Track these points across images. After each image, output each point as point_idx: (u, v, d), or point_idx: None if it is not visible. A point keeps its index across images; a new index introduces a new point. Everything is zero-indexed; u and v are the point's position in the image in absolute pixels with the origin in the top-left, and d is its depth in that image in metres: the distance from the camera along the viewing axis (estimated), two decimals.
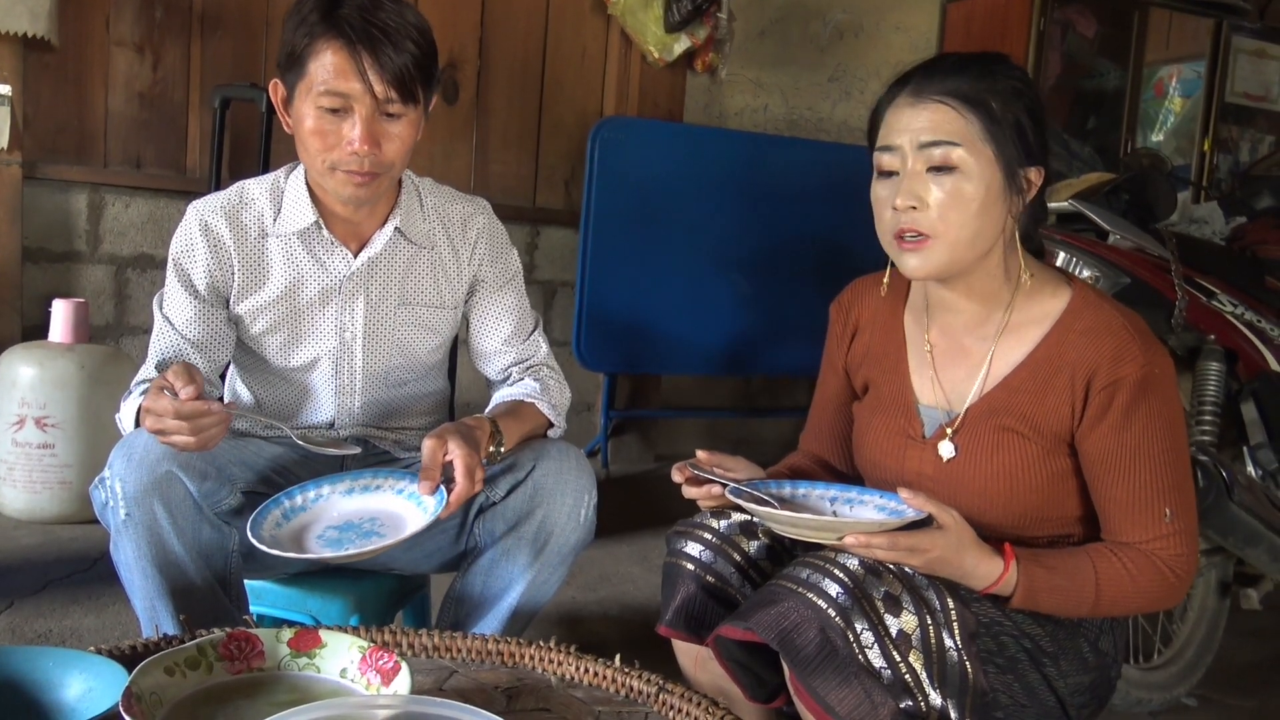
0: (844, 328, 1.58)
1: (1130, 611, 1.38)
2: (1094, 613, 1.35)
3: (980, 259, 1.36)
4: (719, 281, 3.89)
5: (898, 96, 1.35)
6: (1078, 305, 1.37)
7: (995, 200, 1.32)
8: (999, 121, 1.30)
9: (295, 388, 1.74)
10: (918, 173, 1.32)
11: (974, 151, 1.30)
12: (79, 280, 3.32)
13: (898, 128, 1.34)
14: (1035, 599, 1.30)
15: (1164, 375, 1.33)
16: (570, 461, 1.64)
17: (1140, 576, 1.32)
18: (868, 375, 1.54)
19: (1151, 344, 1.34)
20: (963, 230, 1.31)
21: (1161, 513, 1.32)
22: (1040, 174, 1.36)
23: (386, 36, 1.49)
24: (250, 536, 1.41)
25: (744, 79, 4.29)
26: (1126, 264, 2.21)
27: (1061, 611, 1.34)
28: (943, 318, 1.45)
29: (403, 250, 1.70)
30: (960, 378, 1.43)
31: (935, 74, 1.33)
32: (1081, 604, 1.32)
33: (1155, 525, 1.33)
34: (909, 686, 1.23)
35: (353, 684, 1.20)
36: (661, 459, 4.23)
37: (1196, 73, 5.39)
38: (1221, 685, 2.44)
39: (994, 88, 1.31)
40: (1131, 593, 1.32)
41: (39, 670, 1.15)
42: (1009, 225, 1.35)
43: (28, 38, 3.03)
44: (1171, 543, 1.33)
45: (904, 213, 1.32)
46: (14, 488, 2.85)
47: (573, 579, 1.75)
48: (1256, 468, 2.33)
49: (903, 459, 1.45)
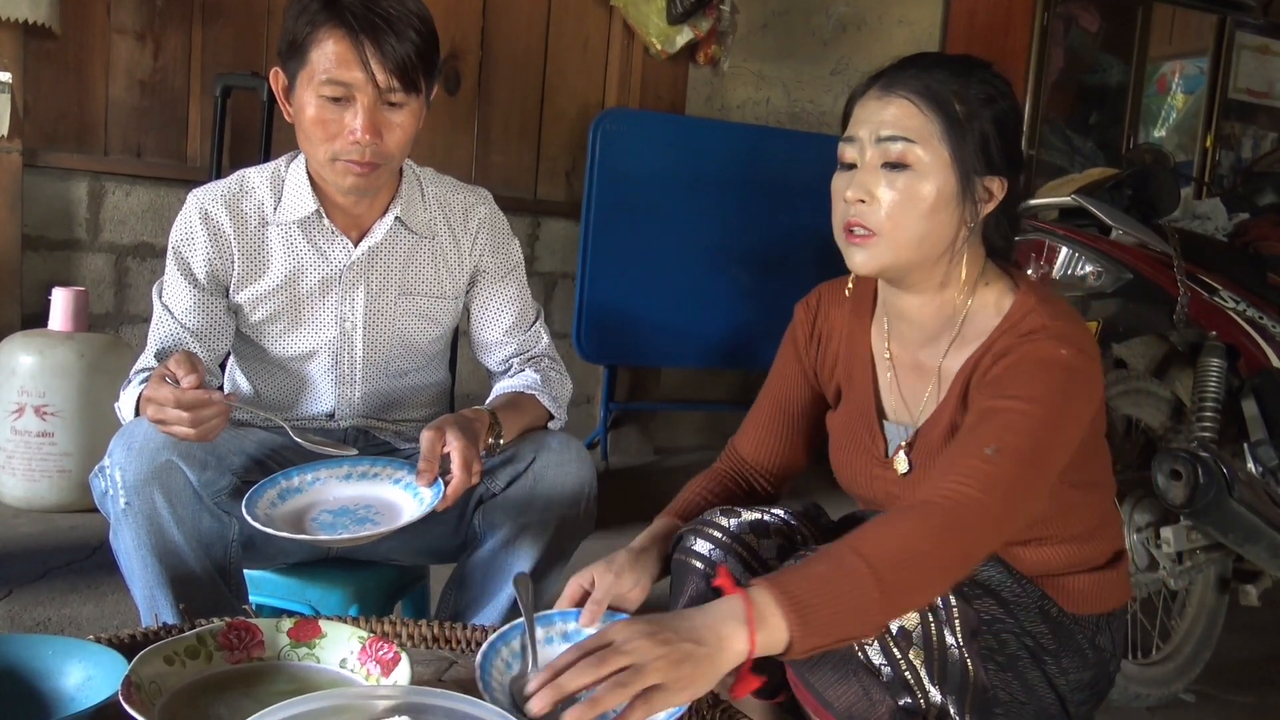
0: (810, 331, 1.53)
1: (929, 580, 1.16)
2: (889, 608, 1.13)
3: (929, 263, 1.32)
4: (720, 274, 3.89)
5: (870, 89, 1.33)
6: (1015, 310, 1.32)
7: (947, 205, 1.28)
8: (960, 125, 1.27)
9: (295, 377, 1.73)
10: (873, 167, 1.29)
11: (930, 151, 1.26)
12: (79, 269, 3.31)
13: (860, 119, 1.31)
14: (812, 620, 1.06)
15: (1070, 363, 1.23)
16: (570, 454, 1.64)
17: (909, 526, 1.14)
18: (839, 383, 1.51)
19: (1075, 339, 1.26)
20: (909, 231, 1.28)
21: (986, 445, 1.18)
22: (1003, 186, 1.30)
23: (389, 25, 1.48)
24: (244, 513, 1.41)
25: (746, 71, 4.28)
26: (1129, 260, 2.21)
27: (850, 627, 1.11)
28: (899, 327, 1.42)
29: (403, 240, 1.70)
30: (917, 391, 1.40)
31: (907, 70, 1.30)
32: (866, 599, 1.09)
33: (968, 458, 1.19)
34: (908, 684, 1.23)
35: (352, 674, 1.20)
36: (661, 452, 4.23)
37: (1199, 68, 5.38)
38: (1220, 681, 2.44)
39: (963, 91, 1.27)
40: (908, 548, 1.12)
41: (38, 659, 1.15)
42: (963, 234, 1.31)
43: (28, 25, 3.02)
44: (970, 474, 1.17)
45: (853, 205, 1.30)
46: (13, 476, 2.85)
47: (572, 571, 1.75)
48: (1257, 464, 2.34)
49: (870, 479, 1.43)
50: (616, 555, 1.36)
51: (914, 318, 1.38)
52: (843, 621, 1.09)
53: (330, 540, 1.44)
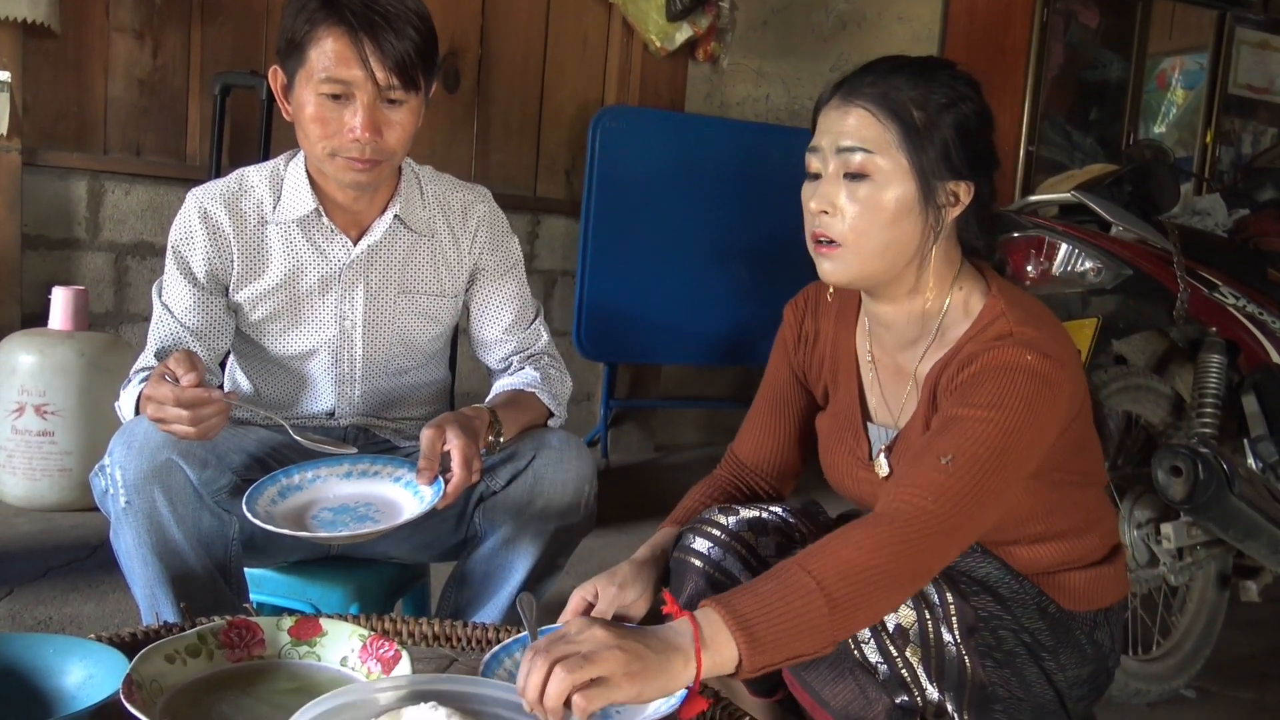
0: (798, 333, 1.53)
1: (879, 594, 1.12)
2: (840, 624, 1.09)
3: (896, 270, 1.31)
4: (719, 271, 3.89)
5: (832, 97, 1.32)
6: (984, 315, 1.32)
7: (909, 213, 1.27)
8: (919, 132, 1.26)
9: (295, 376, 1.73)
10: (835, 177, 1.28)
11: (889, 160, 1.26)
12: (79, 267, 3.31)
13: (822, 129, 1.31)
14: (760, 637, 1.04)
15: (1035, 368, 1.22)
16: (570, 451, 1.64)
17: (858, 539, 1.12)
18: (827, 385, 1.51)
19: (1043, 344, 1.24)
20: (872, 240, 1.27)
21: (942, 455, 1.17)
22: (969, 190, 1.29)
23: (388, 22, 1.48)
24: (244, 510, 1.41)
25: (746, 68, 4.28)
26: (1129, 256, 2.21)
27: (802, 643, 1.07)
28: (879, 332, 1.42)
29: (403, 238, 1.70)
30: (897, 394, 1.40)
31: (866, 77, 1.29)
32: (814, 614, 1.07)
33: (925, 468, 1.18)
34: (905, 682, 1.23)
35: (353, 672, 1.20)
36: (662, 449, 4.24)
37: (1199, 64, 5.38)
38: (1220, 677, 2.44)
39: (922, 97, 1.26)
40: (855, 563, 1.10)
41: (39, 657, 1.15)
42: (930, 239, 1.30)
43: (28, 24, 3.02)
44: (922, 484, 1.16)
45: (818, 216, 1.30)
46: (14, 475, 2.85)
47: (573, 569, 1.75)
48: (1257, 460, 2.33)
49: (856, 480, 1.43)
50: (619, 568, 1.35)
51: (890, 322, 1.38)
52: (791, 640, 1.06)
53: (330, 538, 1.44)
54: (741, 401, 4.50)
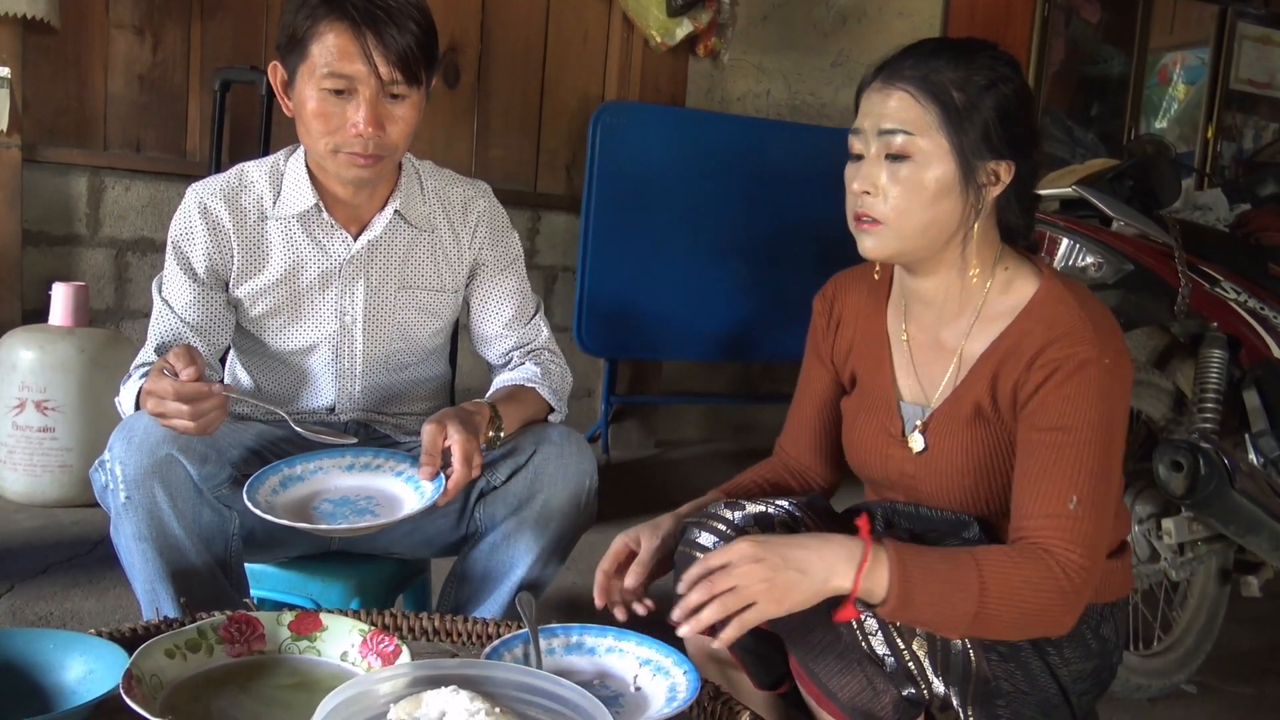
0: (828, 320, 1.56)
1: (1016, 624, 1.23)
2: (973, 626, 1.21)
3: (939, 248, 1.34)
4: (720, 267, 3.89)
5: (874, 80, 1.34)
6: (1042, 295, 1.35)
7: (949, 192, 1.30)
8: (959, 113, 1.28)
9: (295, 372, 1.73)
10: (877, 158, 1.32)
11: (930, 141, 1.28)
12: (79, 263, 3.31)
13: (864, 111, 1.34)
14: (910, 600, 1.18)
15: (1113, 370, 1.28)
16: (571, 446, 1.64)
17: (1030, 574, 1.21)
18: (854, 368, 1.53)
19: (1109, 339, 1.30)
20: (913, 219, 1.31)
21: (1068, 497, 1.24)
22: (1010, 169, 1.32)
23: (389, 17, 1.48)
24: (245, 499, 1.41)
25: (746, 64, 4.28)
26: (1130, 250, 2.20)
27: (937, 622, 1.21)
28: (917, 310, 1.44)
29: (403, 233, 1.69)
30: (935, 372, 1.42)
31: (907, 59, 1.32)
32: (962, 609, 1.19)
33: (1056, 504, 1.25)
34: (912, 674, 1.23)
35: (353, 667, 1.20)
36: (663, 445, 4.23)
37: (1201, 59, 5.37)
38: (1221, 672, 2.44)
39: (963, 78, 1.28)
40: (1020, 591, 1.20)
41: (39, 652, 1.15)
42: (971, 217, 1.33)
43: (27, 19, 3.01)
44: (1069, 534, 1.23)
45: (860, 197, 1.33)
46: (14, 471, 2.85)
47: (574, 564, 1.75)
48: (1258, 455, 2.33)
49: (885, 458, 1.44)
50: (662, 520, 1.42)
51: (931, 299, 1.41)
52: (931, 616, 1.20)
53: (330, 530, 1.44)
54: (743, 397, 4.52)
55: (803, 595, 1.17)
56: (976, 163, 1.30)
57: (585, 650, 1.32)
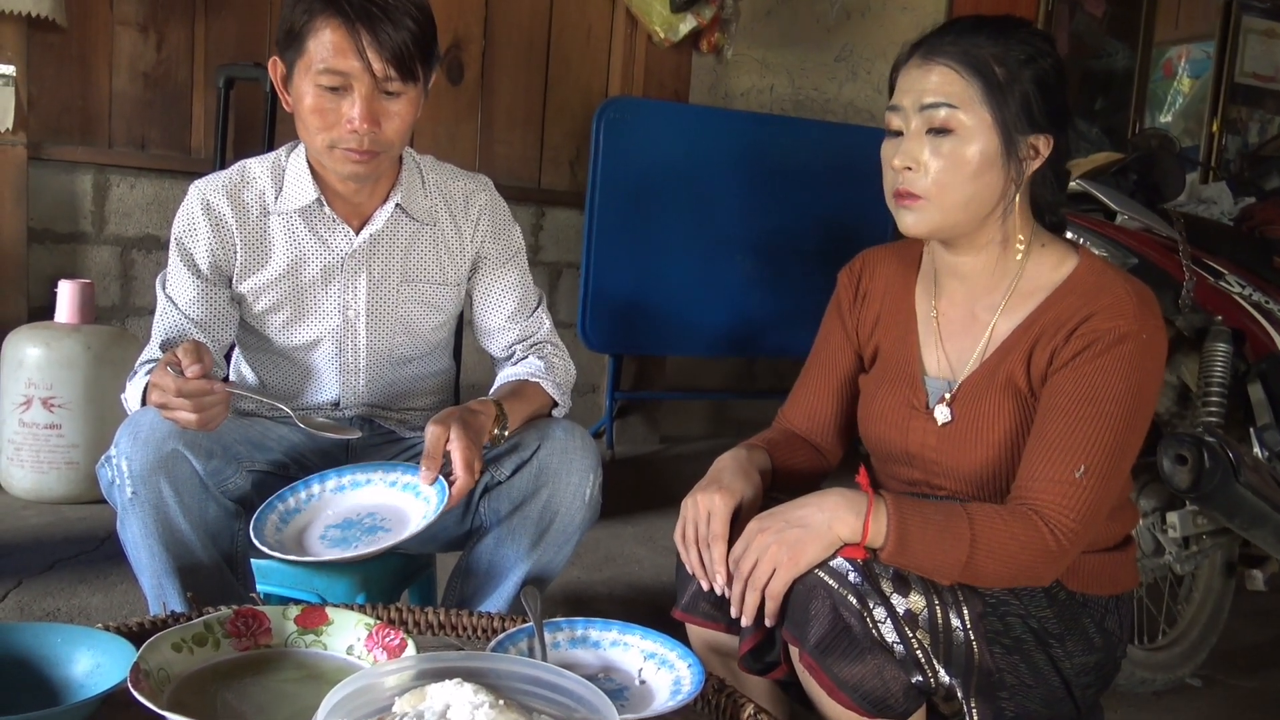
0: (854, 294, 1.57)
1: (1003, 574, 1.27)
2: (964, 573, 1.25)
3: (979, 223, 1.36)
4: (725, 263, 3.89)
5: (912, 57, 1.36)
6: (1082, 272, 1.37)
7: (992, 166, 1.32)
8: (1001, 87, 1.30)
9: (299, 367, 1.74)
10: (917, 133, 1.33)
11: (972, 115, 1.30)
12: (84, 261, 3.32)
13: (904, 88, 1.35)
14: (907, 545, 1.23)
15: (1149, 345, 1.30)
16: (575, 441, 1.64)
17: (1018, 531, 1.24)
18: (878, 343, 1.54)
19: (1149, 315, 1.31)
20: (956, 193, 1.32)
21: (1076, 465, 1.26)
22: (1049, 143, 1.35)
23: (385, 14, 1.48)
24: (257, 543, 1.43)
25: (750, 59, 4.27)
26: (1134, 244, 2.20)
27: (930, 567, 1.25)
28: (950, 285, 1.45)
29: (404, 227, 1.70)
30: (965, 346, 1.43)
31: (946, 35, 1.34)
32: (954, 557, 1.23)
33: (1063, 470, 1.26)
34: (919, 662, 1.24)
35: (359, 661, 1.21)
36: (667, 440, 4.24)
37: (1206, 53, 5.36)
38: (1226, 666, 2.44)
39: (1003, 53, 1.31)
40: (1007, 546, 1.24)
41: (47, 646, 1.15)
42: (1011, 192, 1.35)
43: (32, 18, 3.02)
44: (1066, 500, 1.25)
45: (901, 173, 1.34)
46: (21, 468, 2.86)
47: (578, 559, 1.75)
48: (1263, 449, 2.32)
49: (906, 430, 1.45)
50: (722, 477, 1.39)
51: (967, 274, 1.42)
52: (924, 562, 1.24)
53: (355, 557, 1.45)
54: (747, 392, 4.51)
55: (814, 549, 1.23)
56: (1018, 136, 1.32)
57: (590, 644, 1.33)
